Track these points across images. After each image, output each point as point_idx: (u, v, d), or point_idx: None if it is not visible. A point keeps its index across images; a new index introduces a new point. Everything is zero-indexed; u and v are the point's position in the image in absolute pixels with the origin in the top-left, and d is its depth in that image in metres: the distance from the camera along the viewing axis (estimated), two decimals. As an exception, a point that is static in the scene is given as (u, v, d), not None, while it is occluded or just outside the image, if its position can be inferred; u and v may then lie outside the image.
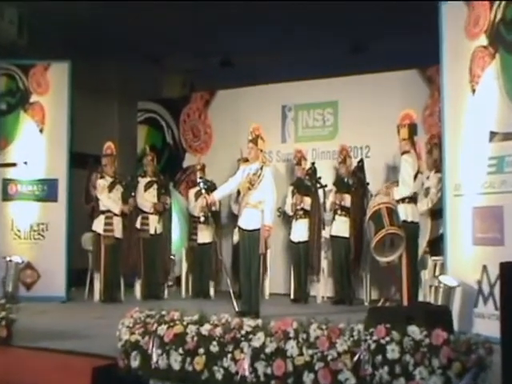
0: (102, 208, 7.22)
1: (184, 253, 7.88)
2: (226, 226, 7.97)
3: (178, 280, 8.03)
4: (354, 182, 7.13)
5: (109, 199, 7.20)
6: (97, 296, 7.17)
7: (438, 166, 6.07)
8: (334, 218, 7.18)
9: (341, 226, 7.10)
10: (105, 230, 7.11)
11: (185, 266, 7.86)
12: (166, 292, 7.65)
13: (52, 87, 7.37)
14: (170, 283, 7.88)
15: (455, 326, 3.96)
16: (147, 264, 7.41)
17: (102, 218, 7.17)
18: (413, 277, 5.51)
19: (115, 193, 7.28)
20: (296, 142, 8.17)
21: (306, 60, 8.60)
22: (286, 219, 7.75)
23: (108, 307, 6.74)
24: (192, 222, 7.74)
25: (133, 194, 7.39)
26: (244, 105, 8.46)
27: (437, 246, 5.87)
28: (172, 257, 7.75)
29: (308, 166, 7.45)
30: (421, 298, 5.72)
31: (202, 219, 7.48)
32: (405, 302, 5.37)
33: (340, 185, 7.23)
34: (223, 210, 7.98)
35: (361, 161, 7.36)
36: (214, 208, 7.27)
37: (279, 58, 8.70)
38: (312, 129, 8.18)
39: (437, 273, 5.63)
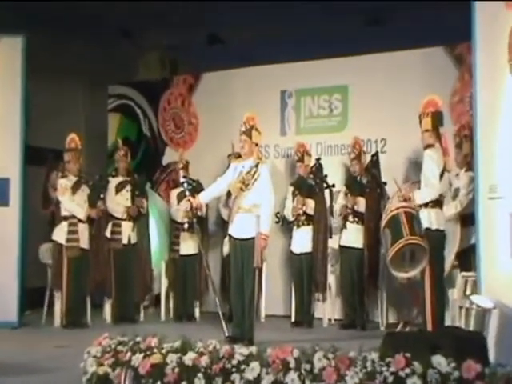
0: (64, 213, 7.20)
1: (164, 266, 7.88)
2: (215, 234, 8.02)
3: (156, 299, 8.03)
4: (368, 181, 7.14)
5: (72, 202, 7.18)
6: (57, 320, 7.14)
7: (469, 162, 6.08)
8: (343, 225, 7.19)
9: (352, 235, 7.11)
10: (68, 240, 7.10)
11: (165, 282, 7.86)
12: (141, 314, 7.66)
13: (1, 67, 7.28)
14: (147, 303, 7.86)
15: (491, 357, 3.94)
16: (119, 280, 7.39)
17: (64, 225, 7.15)
18: (438, 296, 5.49)
19: (80, 195, 7.27)
20: (298, 135, 8.18)
21: (310, 36, 8.58)
22: (286, 226, 7.76)
23: (71, 333, 6.73)
24: (174, 230, 7.75)
25: (102, 196, 7.37)
26: (236, 90, 8.46)
27: (467, 258, 5.88)
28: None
29: (312, 162, 7.47)
30: (448, 322, 5.71)
31: (186, 226, 7.50)
32: (429, 327, 5.36)
33: (352, 185, 7.24)
34: (211, 216, 8.01)
35: (375, 155, 7.36)
36: (199, 213, 7.27)
37: (278, 33, 8.67)
38: (317, 118, 8.18)
39: (468, 291, 5.61)
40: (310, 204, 7.29)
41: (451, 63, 7.37)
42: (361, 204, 7.10)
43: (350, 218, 7.12)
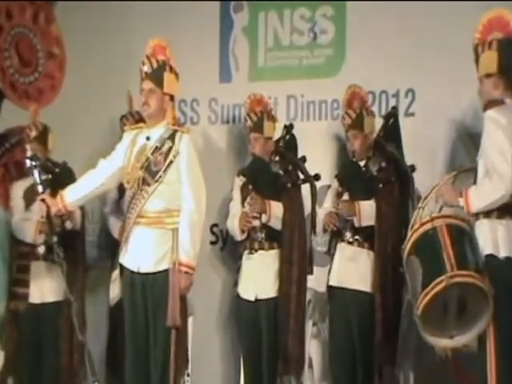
0: None
1: (-3, 326, 7.93)
2: (96, 264, 8.17)
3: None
4: (380, 168, 7.15)
5: None
6: None
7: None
8: (334, 249, 7.22)
9: (351, 268, 7.13)
10: None
11: (-1, 355, 7.91)
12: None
13: None
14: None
15: None
16: None
17: None
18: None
19: None
20: (252, 81, 8.28)
21: None
22: (231, 250, 7.90)
23: None
24: (18, 258, 7.76)
25: None
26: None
27: None
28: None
29: (279, 132, 7.52)
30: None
31: (42, 250, 7.55)
32: None
33: (350, 176, 7.27)
34: (90, 230, 8.16)
35: (391, 114, 7.38)
36: (68, 224, 7.37)
37: None
38: (289, 51, 8.24)
39: None
40: (275, 210, 7.30)
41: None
42: (364, 210, 7.08)
43: (347, 235, 7.12)
